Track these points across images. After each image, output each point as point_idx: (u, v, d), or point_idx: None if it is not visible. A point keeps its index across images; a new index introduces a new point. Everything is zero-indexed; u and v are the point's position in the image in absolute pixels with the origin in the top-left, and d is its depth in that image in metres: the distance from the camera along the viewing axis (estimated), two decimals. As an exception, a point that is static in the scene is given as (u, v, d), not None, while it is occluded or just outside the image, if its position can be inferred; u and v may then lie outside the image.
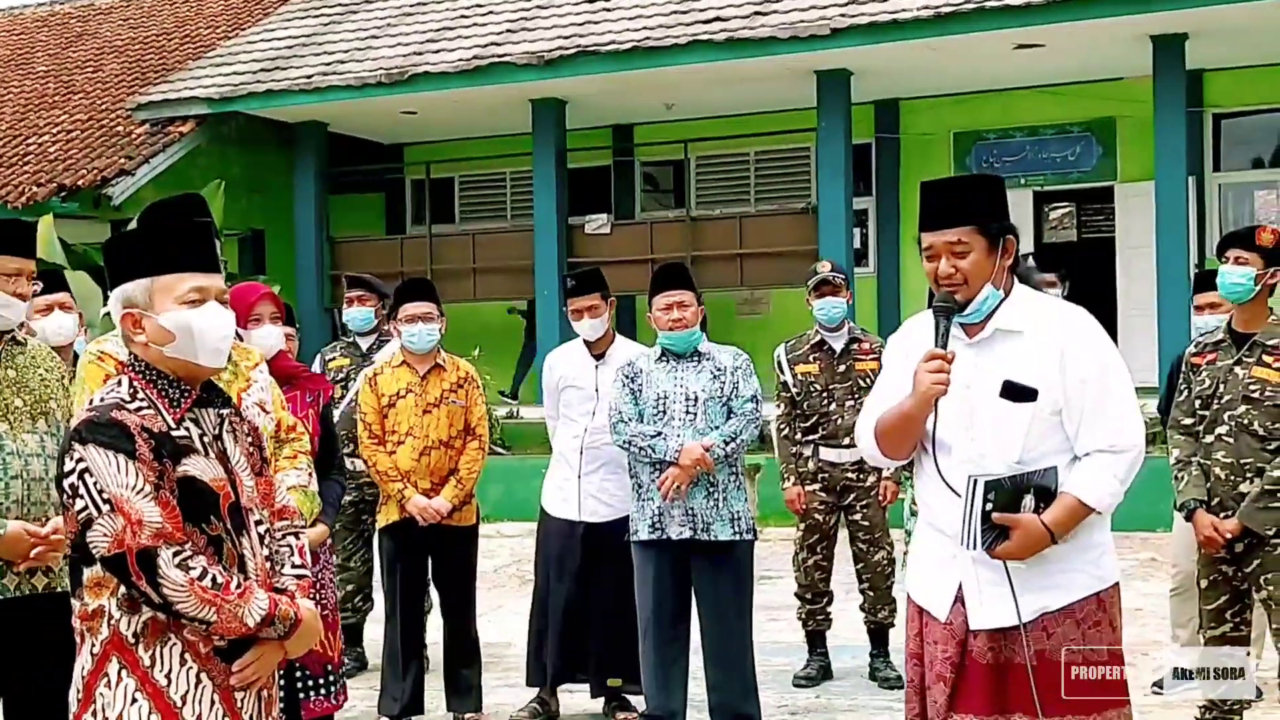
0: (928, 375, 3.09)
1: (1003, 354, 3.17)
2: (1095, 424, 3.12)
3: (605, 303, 5.95)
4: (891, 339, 3.55)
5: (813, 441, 6.40)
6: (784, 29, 12.26)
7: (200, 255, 2.77)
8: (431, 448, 5.80)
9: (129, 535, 2.56)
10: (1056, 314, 3.26)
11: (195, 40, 17.13)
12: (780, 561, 8.99)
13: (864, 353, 6.42)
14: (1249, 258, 4.69)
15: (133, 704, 2.62)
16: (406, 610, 5.91)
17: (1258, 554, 4.64)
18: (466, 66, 13.45)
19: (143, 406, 2.68)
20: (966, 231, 3.16)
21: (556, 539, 5.93)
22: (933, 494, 3.25)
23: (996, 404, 3.12)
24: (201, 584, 2.59)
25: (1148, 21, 11.59)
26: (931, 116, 14.39)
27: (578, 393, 5.94)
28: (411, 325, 5.80)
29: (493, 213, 16.60)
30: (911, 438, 3.22)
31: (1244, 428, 4.62)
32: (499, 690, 6.25)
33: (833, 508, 6.43)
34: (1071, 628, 3.14)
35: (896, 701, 6.06)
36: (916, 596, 3.31)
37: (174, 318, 2.72)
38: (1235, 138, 13.88)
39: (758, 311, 14.74)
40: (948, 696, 3.17)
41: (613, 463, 5.82)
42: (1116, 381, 3.19)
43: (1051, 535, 3.09)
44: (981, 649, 3.16)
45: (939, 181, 3.35)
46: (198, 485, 2.67)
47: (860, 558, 6.45)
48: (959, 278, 3.16)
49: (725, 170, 15.61)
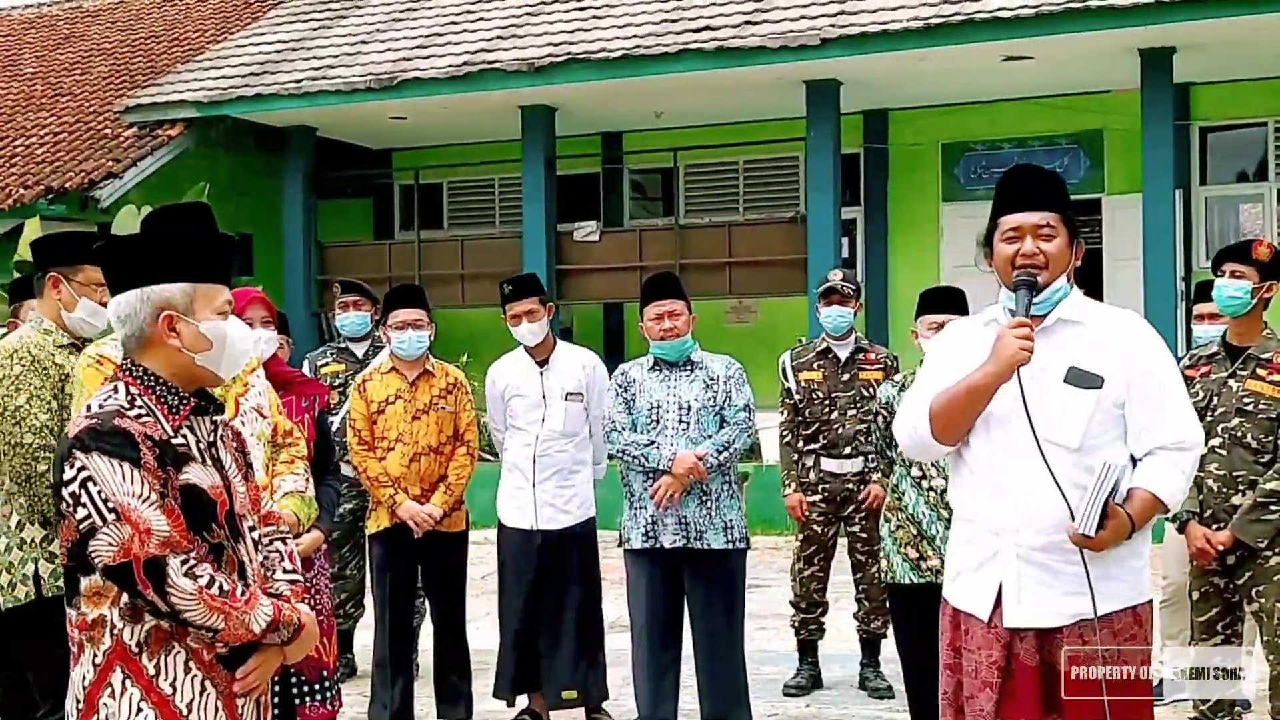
0: (1014, 340, 3.06)
1: (1065, 342, 3.16)
2: (1161, 421, 3.13)
3: (544, 307, 5.93)
4: (935, 338, 3.54)
5: (814, 451, 6.39)
6: (773, 39, 12.29)
7: (229, 269, 2.80)
8: (421, 454, 5.80)
9: (136, 544, 2.53)
10: (1116, 313, 3.29)
11: (183, 44, 17.08)
12: (768, 570, 9.01)
13: (869, 363, 6.42)
14: (1245, 271, 4.72)
15: (138, 714, 2.60)
16: (396, 617, 5.90)
17: (1249, 566, 4.66)
18: (456, 72, 13.43)
19: (142, 414, 2.65)
20: (1054, 217, 3.18)
21: (514, 549, 5.91)
22: (977, 488, 3.21)
23: (1059, 389, 3.10)
24: (210, 592, 2.58)
25: (1136, 35, 11.63)
26: (920, 127, 14.41)
27: (523, 401, 5.90)
28: (401, 332, 5.80)
29: (481, 219, 16.58)
30: (975, 413, 3.16)
31: (1237, 440, 4.64)
32: (488, 699, 6.23)
33: (832, 519, 6.43)
34: (1108, 638, 3.09)
35: (886, 711, 6.08)
36: (956, 601, 3.25)
37: (213, 327, 2.72)
38: (1222, 151, 13.94)
39: (746, 320, 14.74)
40: (994, 703, 3.11)
41: (565, 469, 5.84)
42: (1176, 381, 3.23)
43: (1133, 527, 3.08)
44: (1029, 651, 3.11)
45: (1028, 166, 3.37)
46: (198, 493, 2.66)
47: (858, 568, 6.44)
48: (1041, 259, 3.15)
49: (714, 179, 15.61)
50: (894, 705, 6.13)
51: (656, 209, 16.27)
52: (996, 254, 3.21)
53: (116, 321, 2.74)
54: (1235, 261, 4.75)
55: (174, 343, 2.70)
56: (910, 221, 14.58)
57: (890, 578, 4.90)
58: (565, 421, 5.84)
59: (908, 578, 4.83)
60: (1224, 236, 13.76)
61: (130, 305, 2.70)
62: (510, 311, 5.90)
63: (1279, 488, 4.57)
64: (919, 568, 4.79)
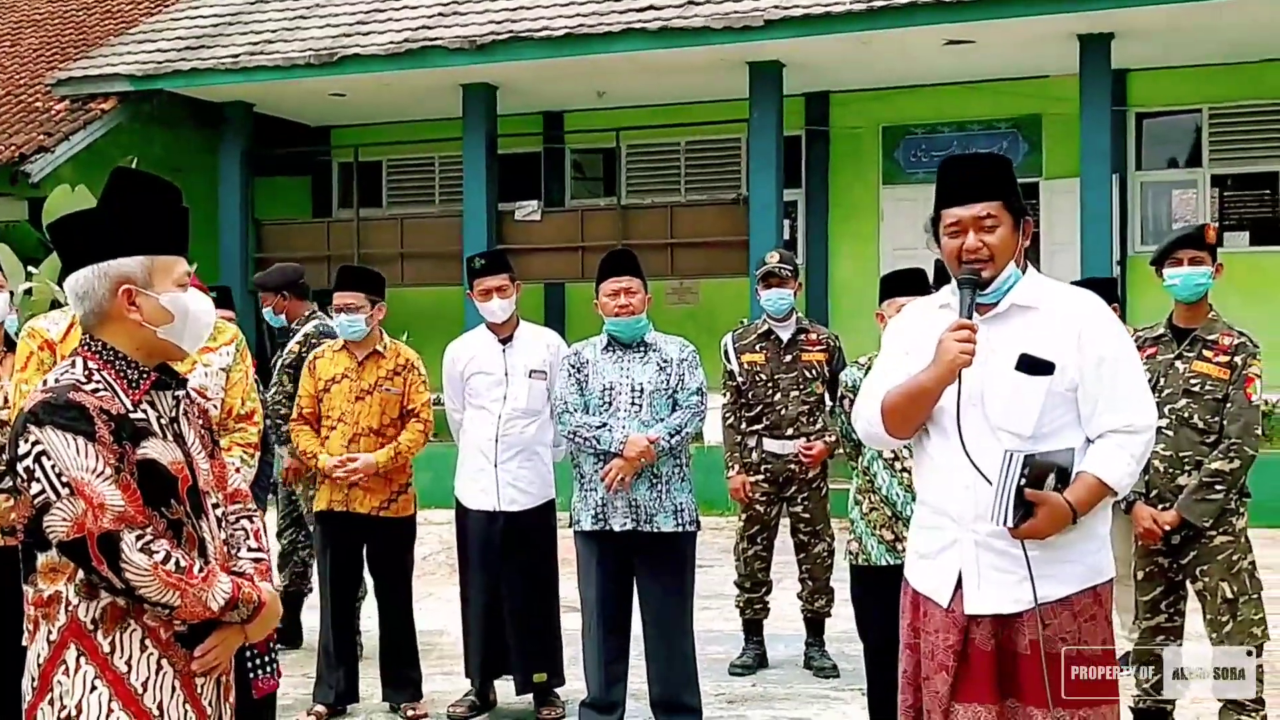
0: (955, 344, 3.04)
1: (1018, 328, 3.14)
2: (1112, 404, 3.10)
3: (513, 285, 5.88)
4: (891, 323, 3.52)
5: (756, 432, 6.41)
6: (717, 19, 12.28)
7: (185, 240, 2.74)
8: (361, 435, 5.74)
9: (90, 519, 2.49)
10: (1071, 294, 3.26)
11: (117, 16, 16.79)
12: (711, 550, 9.02)
13: (811, 344, 6.43)
14: (1204, 256, 4.77)
15: (92, 691, 2.55)
16: (339, 598, 5.85)
17: (1194, 546, 4.72)
18: (397, 49, 13.30)
19: (99, 388, 2.60)
20: (995, 206, 3.13)
21: (476, 532, 5.84)
22: (936, 476, 3.20)
23: (1011, 377, 3.07)
24: (165, 568, 2.53)
25: (1075, 21, 11.76)
26: (861, 110, 14.48)
27: (486, 378, 5.83)
28: (339, 315, 5.80)
29: (421, 197, 16.45)
30: (924, 412, 3.16)
31: (1184, 421, 4.69)
32: (434, 679, 6.20)
33: (774, 498, 6.45)
34: (1068, 620, 3.10)
35: (833, 690, 6.12)
36: (916, 584, 3.26)
37: (173, 299, 2.67)
38: (1157, 137, 14.14)
39: (687, 301, 14.75)
40: (950, 686, 3.12)
41: (528, 449, 5.78)
42: (1131, 363, 3.20)
43: (1074, 514, 3.06)
44: (984, 636, 3.12)
45: (964, 157, 3.33)
46: (157, 468, 2.61)
47: (801, 548, 6.47)
48: (985, 253, 3.12)
49: (656, 159, 15.59)
50: (839, 684, 6.17)
51: (598, 189, 16.23)
52: (943, 247, 3.19)
53: (74, 299, 2.68)
54: (1193, 248, 4.80)
55: (134, 316, 2.65)
56: (851, 204, 14.66)
57: (864, 560, 4.89)
58: (528, 399, 5.78)
59: (883, 559, 4.83)
60: (1158, 221, 13.97)
61: (88, 282, 2.65)
62: (480, 286, 5.83)
63: (1224, 468, 4.64)
64: (894, 549, 4.79)
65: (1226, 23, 11.79)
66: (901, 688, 3.32)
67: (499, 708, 5.93)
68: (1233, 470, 4.64)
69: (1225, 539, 4.70)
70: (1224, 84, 13.32)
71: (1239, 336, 4.75)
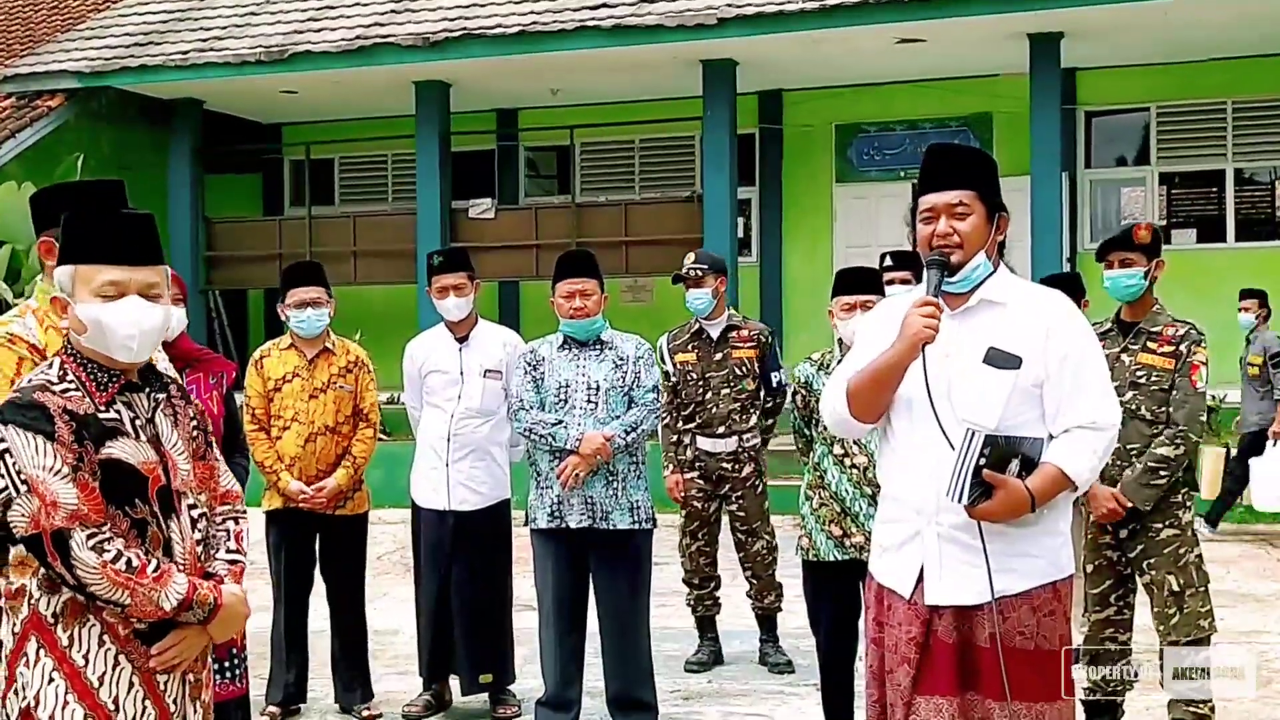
0: (919, 319, 3.06)
1: (986, 323, 3.17)
2: (1076, 401, 3.13)
3: (472, 283, 5.85)
4: (868, 315, 3.54)
5: (690, 430, 6.43)
6: (671, 17, 12.30)
7: (125, 247, 2.73)
8: (317, 434, 5.71)
9: (44, 516, 2.56)
10: (1039, 292, 3.30)
11: (64, 11, 16.59)
12: (668, 548, 9.01)
13: (741, 340, 6.45)
14: (1134, 258, 4.83)
15: (49, 683, 2.61)
16: (291, 598, 5.82)
17: (1141, 540, 4.78)
18: (349, 46, 13.23)
19: (70, 388, 2.67)
20: (969, 195, 3.18)
21: (428, 531, 5.83)
22: (899, 468, 3.22)
23: (978, 371, 3.10)
24: (114, 567, 2.58)
25: (1025, 20, 11.87)
26: (813, 108, 14.54)
27: (442, 377, 5.82)
28: (300, 310, 5.70)
29: (374, 195, 16.38)
30: (888, 391, 3.16)
31: (1132, 413, 4.73)
32: (388, 678, 6.18)
33: (711, 495, 6.48)
34: (1028, 614, 3.12)
35: (789, 686, 6.15)
36: (880, 577, 3.27)
37: (86, 310, 2.70)
38: (1105, 135, 14.29)
39: (641, 299, 14.76)
40: (912, 678, 3.13)
41: (480, 449, 5.77)
42: (1096, 361, 3.23)
43: (1032, 502, 3.07)
44: (947, 629, 3.13)
45: (947, 146, 3.37)
46: (124, 468, 2.66)
47: (740, 547, 6.49)
48: (955, 239, 3.15)
49: (610, 157, 15.60)
50: (794, 680, 6.19)
51: (552, 187, 16.22)
52: (918, 234, 3.23)
53: None
54: (1123, 250, 4.86)
55: (64, 325, 2.74)
56: (804, 202, 14.72)
57: (814, 555, 4.92)
58: (482, 399, 5.76)
59: (831, 555, 4.86)
60: (1107, 219, 14.12)
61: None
62: (437, 284, 5.80)
63: (1169, 453, 4.69)
64: (843, 545, 4.83)
65: (1172, 22, 11.94)
66: (867, 682, 3.33)
67: (454, 707, 5.91)
68: (1177, 456, 4.70)
69: (1172, 532, 4.76)
70: (1171, 83, 13.50)
71: (1183, 327, 4.82)
